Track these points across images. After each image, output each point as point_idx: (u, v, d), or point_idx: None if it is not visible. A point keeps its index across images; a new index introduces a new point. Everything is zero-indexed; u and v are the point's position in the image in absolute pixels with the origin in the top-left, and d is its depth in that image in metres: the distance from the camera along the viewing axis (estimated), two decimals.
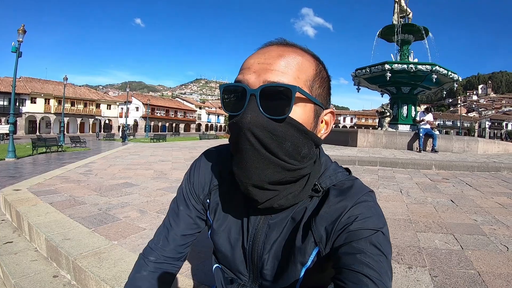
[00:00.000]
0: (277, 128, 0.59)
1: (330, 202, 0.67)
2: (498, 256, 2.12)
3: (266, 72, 0.60)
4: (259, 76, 0.60)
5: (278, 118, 0.59)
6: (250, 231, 0.74)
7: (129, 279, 0.82)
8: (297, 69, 0.62)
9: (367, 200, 0.66)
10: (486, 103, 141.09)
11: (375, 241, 0.59)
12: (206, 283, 1.68)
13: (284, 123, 0.60)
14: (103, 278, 1.74)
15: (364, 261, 0.56)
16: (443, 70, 10.90)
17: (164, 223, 0.86)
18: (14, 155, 12.38)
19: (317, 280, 0.73)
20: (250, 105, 0.59)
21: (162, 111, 66.69)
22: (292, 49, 0.64)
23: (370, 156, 7.27)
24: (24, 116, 42.52)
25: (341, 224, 0.63)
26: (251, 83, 0.60)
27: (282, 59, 0.61)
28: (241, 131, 0.59)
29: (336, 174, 0.73)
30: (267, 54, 0.62)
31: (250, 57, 0.64)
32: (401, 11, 13.37)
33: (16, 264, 2.24)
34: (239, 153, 0.62)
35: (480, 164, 6.61)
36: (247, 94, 0.59)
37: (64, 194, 3.74)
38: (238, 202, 0.76)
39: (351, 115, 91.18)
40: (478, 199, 3.89)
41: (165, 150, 11.15)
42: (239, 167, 0.63)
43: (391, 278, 0.57)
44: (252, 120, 0.58)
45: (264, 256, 0.73)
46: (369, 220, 0.62)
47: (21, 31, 12.84)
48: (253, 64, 0.61)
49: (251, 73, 0.61)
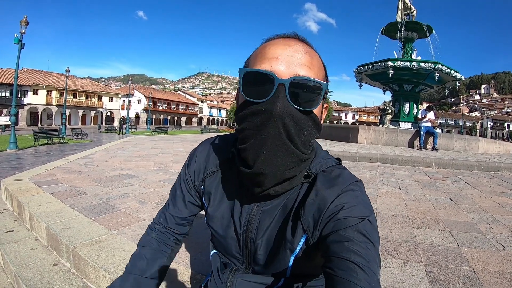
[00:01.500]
0: (302, 119, 0.62)
1: (318, 189, 0.68)
2: (494, 254, 2.14)
3: (295, 65, 0.62)
4: (289, 68, 0.62)
5: (306, 110, 0.63)
6: (244, 217, 0.76)
7: (140, 241, 0.92)
8: (318, 67, 0.66)
9: (354, 189, 0.68)
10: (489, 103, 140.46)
11: (362, 229, 0.60)
12: (203, 272, 1.71)
13: (308, 116, 0.63)
14: (102, 266, 1.77)
15: (352, 249, 0.57)
16: (445, 69, 10.83)
17: (165, 204, 0.94)
18: (16, 146, 12.41)
19: (306, 268, 0.75)
20: (279, 95, 0.60)
21: (164, 104, 66.53)
22: (311, 47, 0.69)
23: (370, 153, 7.27)
24: (26, 107, 42.49)
25: (328, 212, 0.65)
26: (280, 73, 0.61)
27: (309, 56, 0.65)
28: (271, 119, 0.60)
29: (326, 160, 0.75)
30: (293, 48, 0.64)
31: (273, 47, 0.65)
32: (405, 8, 13.25)
33: (17, 253, 2.27)
34: (260, 140, 0.62)
35: (480, 164, 6.61)
36: (275, 83, 0.60)
37: (65, 185, 3.77)
38: (232, 189, 0.79)
39: (353, 111, 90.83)
40: (477, 197, 3.90)
41: (166, 143, 11.18)
42: (253, 152, 0.63)
43: (379, 265, 0.59)
44: (284, 109, 0.60)
45: (257, 242, 0.75)
46: (356, 209, 0.63)
47: (24, 23, 12.79)
48: (282, 55, 0.63)
49: (280, 63, 0.62)
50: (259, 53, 0.66)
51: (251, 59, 0.70)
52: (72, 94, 47.75)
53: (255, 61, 0.66)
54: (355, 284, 0.53)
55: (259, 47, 0.70)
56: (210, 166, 0.84)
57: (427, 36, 12.99)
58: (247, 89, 0.64)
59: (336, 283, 0.55)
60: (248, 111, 0.64)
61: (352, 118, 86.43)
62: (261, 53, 0.66)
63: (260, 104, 0.62)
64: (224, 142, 0.86)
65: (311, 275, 0.81)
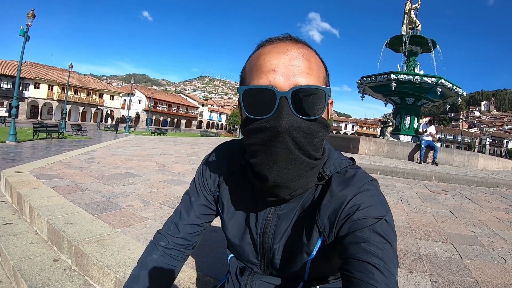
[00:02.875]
0: (311, 127, 0.61)
1: (333, 191, 0.68)
2: (496, 267, 2.15)
3: (294, 74, 0.60)
4: (288, 79, 0.60)
5: (313, 118, 0.61)
6: (260, 222, 0.76)
7: (139, 261, 0.86)
8: (317, 69, 0.64)
9: (370, 189, 0.67)
10: (488, 120, 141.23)
11: (379, 229, 0.59)
12: (210, 275, 1.69)
13: (316, 122, 0.62)
14: (107, 264, 1.74)
15: (369, 250, 0.56)
16: (448, 84, 10.90)
17: (175, 212, 0.89)
18: (15, 139, 12.36)
19: (324, 269, 0.75)
20: (283, 108, 0.59)
21: (165, 106, 66.58)
22: (307, 47, 0.66)
23: (371, 164, 7.28)
24: (26, 100, 42.39)
25: (344, 213, 0.64)
26: (279, 85, 0.60)
27: (305, 60, 0.62)
28: (278, 135, 0.59)
29: (340, 161, 0.74)
30: (289, 55, 0.61)
31: (268, 57, 0.62)
32: (410, 22, 13.38)
33: (16, 246, 2.23)
34: (270, 156, 0.61)
35: (479, 179, 6.63)
36: (277, 97, 0.59)
37: (67, 180, 3.75)
38: (247, 194, 0.78)
39: (352, 122, 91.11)
40: (477, 212, 3.91)
41: (167, 144, 11.17)
42: (268, 168, 0.62)
43: (397, 265, 0.58)
44: (290, 124, 0.58)
45: (275, 246, 0.75)
46: (372, 209, 0.63)
47: (31, 15, 12.82)
48: (278, 66, 0.60)
49: (278, 75, 0.60)
50: (255, 66, 0.64)
51: (246, 72, 0.67)
52: (73, 90, 47.74)
53: (251, 75, 0.64)
54: (372, 286, 0.52)
55: (252, 56, 0.67)
56: (225, 172, 0.83)
57: (431, 50, 13.08)
58: (248, 106, 0.63)
59: (354, 284, 0.55)
60: (253, 127, 0.62)
61: (351, 129, 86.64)
62: (257, 65, 0.63)
63: (265, 120, 0.60)
64: (238, 147, 0.84)
65: (329, 276, 0.80)
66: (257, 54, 0.65)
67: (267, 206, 0.75)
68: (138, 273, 0.83)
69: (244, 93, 0.63)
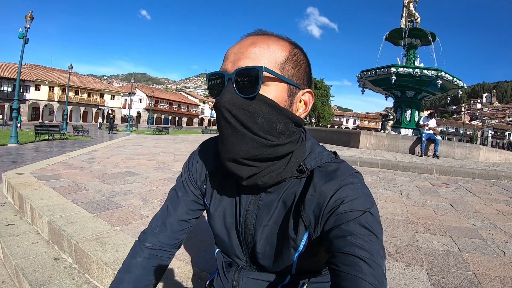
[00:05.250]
0: (251, 105, 0.64)
1: (316, 184, 0.68)
2: (495, 259, 2.14)
3: (239, 59, 0.66)
4: (234, 64, 0.66)
5: (249, 96, 0.64)
6: (242, 212, 0.77)
7: (123, 264, 0.86)
8: (267, 54, 0.67)
9: (354, 182, 0.67)
10: (490, 112, 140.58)
11: (364, 222, 0.60)
12: (207, 270, 1.71)
13: (256, 100, 0.64)
14: (105, 261, 1.76)
15: (355, 243, 0.56)
16: (448, 76, 10.86)
17: (162, 209, 0.89)
18: (17, 141, 12.43)
19: (311, 264, 0.76)
20: (227, 88, 0.65)
21: (166, 104, 66.55)
22: (264, 37, 0.70)
23: (372, 158, 7.27)
24: (27, 102, 42.54)
25: (328, 207, 0.64)
26: (228, 70, 0.67)
27: (253, 47, 0.67)
28: (219, 110, 0.66)
29: (322, 156, 0.74)
30: (241, 44, 0.69)
31: (229, 48, 0.70)
32: (410, 15, 13.30)
33: (17, 246, 2.26)
34: (219, 131, 0.68)
35: (481, 172, 6.62)
36: (225, 79, 0.66)
37: (67, 180, 3.77)
38: (231, 186, 0.80)
39: (354, 117, 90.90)
40: (477, 205, 3.90)
41: (168, 142, 11.19)
42: (220, 143, 0.69)
43: (384, 257, 0.58)
44: (228, 99, 0.64)
45: (256, 238, 0.76)
46: (357, 201, 0.63)
47: (29, 18, 12.83)
48: (230, 54, 0.68)
49: (229, 62, 0.67)
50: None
51: None
52: (74, 91, 47.83)
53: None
54: (360, 279, 0.53)
55: None
56: (211, 166, 0.84)
57: (430, 43, 13.02)
58: (210, 89, 0.72)
59: (341, 278, 0.55)
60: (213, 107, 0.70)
61: (353, 124, 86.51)
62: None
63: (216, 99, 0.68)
64: None
65: (317, 270, 0.81)
66: None
67: (249, 196, 0.77)
68: (123, 276, 0.83)
69: (208, 79, 0.72)
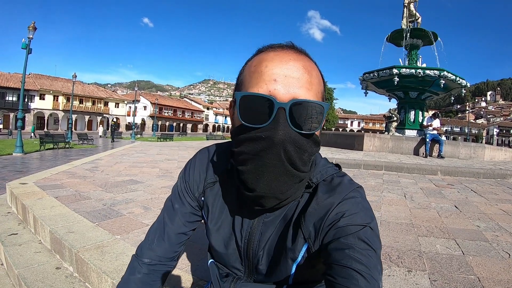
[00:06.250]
0: (304, 143, 0.61)
1: (319, 198, 0.68)
2: (499, 262, 2.11)
3: (293, 86, 0.59)
4: (288, 91, 0.59)
5: (308, 133, 0.61)
6: (245, 229, 0.75)
7: (122, 280, 0.82)
8: (317, 83, 0.64)
9: (355, 196, 0.67)
10: (495, 110, 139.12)
11: (363, 236, 0.59)
12: (206, 278, 1.70)
13: (310, 137, 0.62)
14: (104, 270, 1.77)
15: (353, 256, 0.56)
16: (451, 76, 10.80)
17: (158, 221, 0.85)
18: (22, 150, 12.55)
19: (308, 275, 0.75)
20: (279, 120, 0.58)
21: (170, 111, 66.93)
22: (309, 60, 0.65)
23: (375, 160, 7.23)
24: (32, 112, 42.98)
25: (329, 220, 0.64)
26: (279, 96, 0.59)
27: (307, 73, 0.62)
28: (272, 147, 0.58)
29: (326, 169, 0.74)
30: (291, 65, 0.61)
31: (270, 65, 0.61)
32: (410, 15, 13.29)
33: (20, 255, 2.28)
34: (260, 166, 0.60)
35: (486, 171, 6.54)
36: (275, 107, 0.58)
37: (70, 189, 3.79)
38: (232, 200, 0.77)
39: (358, 119, 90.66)
40: (482, 205, 3.85)
41: (172, 149, 11.22)
42: (257, 178, 0.62)
43: (381, 272, 0.58)
44: (285, 136, 0.58)
45: (259, 253, 0.74)
46: (357, 216, 0.63)
47: (32, 28, 13.03)
48: (279, 76, 0.60)
49: (278, 86, 0.59)
50: (255, 72, 0.62)
51: (245, 77, 0.66)
52: (78, 99, 48.26)
53: (250, 82, 0.63)
54: None
55: (252, 61, 0.66)
56: (210, 177, 0.80)
57: (432, 43, 13.00)
58: (245, 113, 0.61)
59: None
60: (247, 136, 0.61)
61: (357, 126, 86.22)
62: (257, 72, 0.62)
63: (260, 130, 0.59)
64: (222, 151, 0.83)
65: (314, 281, 0.80)
66: (258, 59, 0.64)
67: (253, 212, 0.74)
68: None
69: (242, 99, 0.61)
